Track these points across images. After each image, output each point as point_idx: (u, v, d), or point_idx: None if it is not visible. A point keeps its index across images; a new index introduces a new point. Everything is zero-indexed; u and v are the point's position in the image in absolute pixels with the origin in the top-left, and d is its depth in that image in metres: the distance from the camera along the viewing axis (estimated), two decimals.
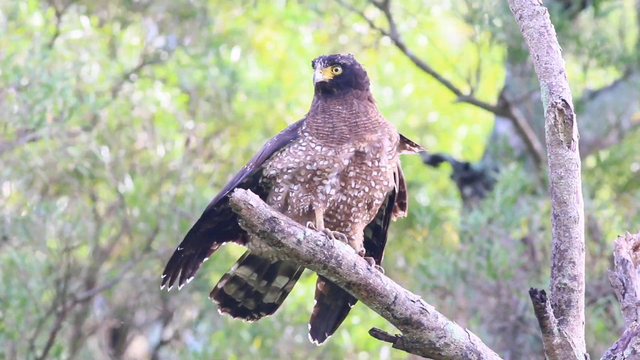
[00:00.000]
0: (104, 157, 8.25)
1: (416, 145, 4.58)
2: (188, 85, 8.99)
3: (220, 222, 4.61)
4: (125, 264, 8.53)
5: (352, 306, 4.74)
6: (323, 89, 4.50)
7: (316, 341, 4.73)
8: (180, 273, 4.59)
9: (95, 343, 9.85)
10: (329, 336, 4.73)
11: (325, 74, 4.50)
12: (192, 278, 4.63)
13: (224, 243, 4.68)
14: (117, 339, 10.48)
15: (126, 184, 8.49)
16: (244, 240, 4.67)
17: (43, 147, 7.64)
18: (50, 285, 7.74)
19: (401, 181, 4.64)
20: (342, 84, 4.50)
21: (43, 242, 7.61)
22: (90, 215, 8.59)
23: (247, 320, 4.77)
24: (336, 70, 4.52)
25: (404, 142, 4.57)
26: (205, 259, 4.64)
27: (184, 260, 4.59)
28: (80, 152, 7.82)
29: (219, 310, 4.76)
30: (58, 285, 7.79)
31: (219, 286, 4.71)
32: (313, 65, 4.52)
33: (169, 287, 4.60)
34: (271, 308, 4.78)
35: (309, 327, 4.73)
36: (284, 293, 4.77)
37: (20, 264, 7.50)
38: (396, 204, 4.68)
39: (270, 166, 4.49)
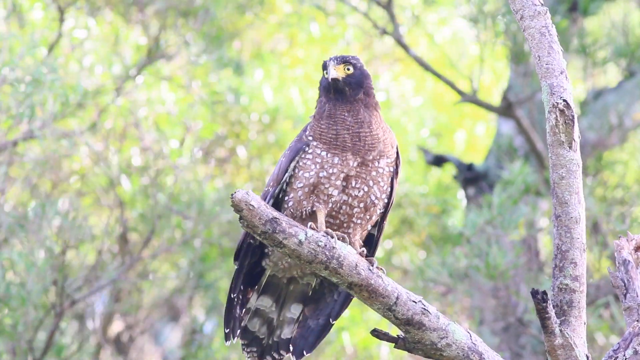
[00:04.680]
0: (110, 159, 8.24)
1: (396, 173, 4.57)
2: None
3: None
4: (124, 264, 8.53)
5: (334, 322, 4.71)
6: (335, 88, 4.50)
7: (293, 358, 4.70)
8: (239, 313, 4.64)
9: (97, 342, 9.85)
10: (308, 354, 4.71)
11: (339, 72, 4.51)
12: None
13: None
14: (121, 339, 10.48)
15: (124, 184, 8.48)
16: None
17: (46, 146, 7.62)
18: (49, 285, 7.73)
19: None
20: (354, 83, 4.51)
21: (42, 241, 7.60)
22: (89, 215, 8.58)
23: None
24: (348, 69, 4.53)
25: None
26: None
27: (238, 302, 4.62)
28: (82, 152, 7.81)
29: (245, 354, 4.74)
30: (56, 285, 7.78)
31: (243, 324, 4.70)
32: (325, 65, 4.52)
33: (232, 340, 4.63)
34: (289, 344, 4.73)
35: (290, 347, 4.69)
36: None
37: (19, 264, 7.49)
38: None
39: (289, 184, 4.49)
